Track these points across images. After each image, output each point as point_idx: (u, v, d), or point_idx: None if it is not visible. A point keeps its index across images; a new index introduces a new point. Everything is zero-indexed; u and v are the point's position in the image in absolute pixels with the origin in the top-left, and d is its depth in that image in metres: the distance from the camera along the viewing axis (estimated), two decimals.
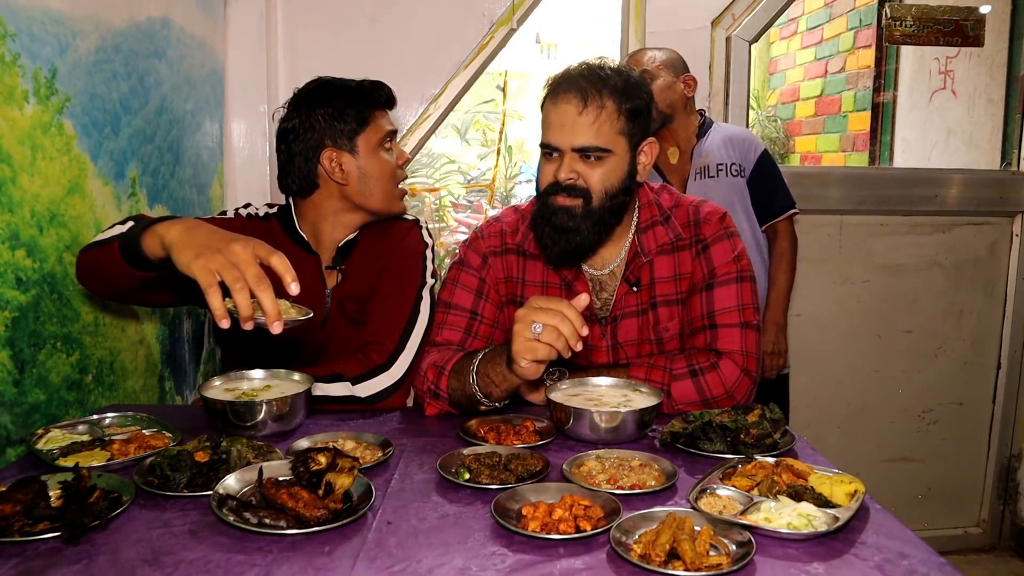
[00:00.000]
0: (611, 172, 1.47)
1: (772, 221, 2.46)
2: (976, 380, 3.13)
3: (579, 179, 1.47)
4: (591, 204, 1.47)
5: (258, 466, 1.10)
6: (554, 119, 1.47)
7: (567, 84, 1.46)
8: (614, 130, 1.46)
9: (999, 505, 3.18)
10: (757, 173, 2.42)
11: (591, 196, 1.47)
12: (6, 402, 1.31)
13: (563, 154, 1.47)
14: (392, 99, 1.70)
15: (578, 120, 1.44)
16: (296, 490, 1.01)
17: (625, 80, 1.47)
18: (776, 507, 1.02)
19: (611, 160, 1.47)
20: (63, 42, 1.47)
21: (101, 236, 1.39)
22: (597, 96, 1.44)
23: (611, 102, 1.44)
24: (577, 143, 1.45)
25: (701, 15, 2.71)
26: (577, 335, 1.25)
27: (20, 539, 0.95)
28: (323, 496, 1.02)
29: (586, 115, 1.43)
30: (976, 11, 2.99)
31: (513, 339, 1.29)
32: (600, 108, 1.44)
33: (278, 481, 1.04)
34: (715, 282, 1.55)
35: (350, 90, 1.64)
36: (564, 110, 1.45)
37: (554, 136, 1.47)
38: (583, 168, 1.46)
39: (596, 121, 1.44)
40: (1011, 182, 3.03)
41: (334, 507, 1.01)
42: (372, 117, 1.65)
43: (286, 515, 1.00)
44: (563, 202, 1.47)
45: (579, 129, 1.44)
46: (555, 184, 1.48)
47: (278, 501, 1.00)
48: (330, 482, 1.03)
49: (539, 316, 1.26)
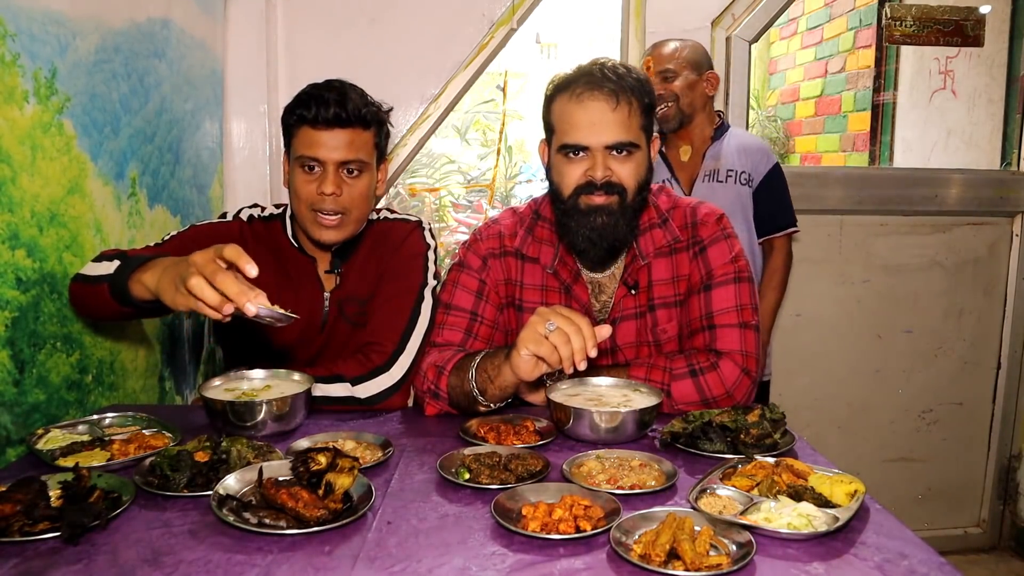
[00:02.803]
0: (640, 166, 1.49)
1: (770, 236, 2.43)
2: (976, 380, 3.13)
3: (613, 175, 1.47)
4: (626, 200, 1.48)
5: (258, 466, 1.10)
6: (582, 118, 1.46)
7: (590, 84, 1.46)
8: (638, 125, 1.48)
9: (999, 505, 3.18)
10: (765, 186, 2.39)
11: (626, 192, 1.48)
12: (6, 402, 1.31)
13: (593, 153, 1.47)
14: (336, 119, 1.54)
15: (611, 117, 1.44)
16: (296, 490, 1.01)
17: (638, 77, 1.50)
18: (776, 507, 1.02)
19: (639, 155, 1.49)
20: (63, 42, 1.47)
21: (89, 271, 1.41)
22: (625, 93, 1.45)
23: (635, 99, 1.47)
24: (611, 140, 1.45)
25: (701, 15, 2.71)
26: (584, 352, 1.25)
27: (20, 539, 0.95)
28: (323, 496, 1.02)
29: (619, 112, 1.45)
30: (976, 11, 2.99)
31: (525, 327, 1.31)
32: (629, 104, 1.46)
33: (278, 481, 1.04)
34: (713, 283, 1.55)
35: (297, 97, 1.59)
36: (595, 108, 1.45)
37: (583, 135, 1.46)
38: (615, 165, 1.47)
39: (628, 117, 1.46)
40: (1011, 182, 3.03)
41: (334, 507, 1.01)
42: (296, 132, 1.58)
43: (286, 515, 1.00)
44: (600, 200, 1.47)
45: (612, 126, 1.45)
46: (588, 184, 1.47)
47: (278, 501, 1.00)
48: (330, 482, 1.03)
49: (558, 319, 1.27)
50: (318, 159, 1.56)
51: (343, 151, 1.56)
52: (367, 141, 1.60)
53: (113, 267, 1.35)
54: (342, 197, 1.57)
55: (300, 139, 1.57)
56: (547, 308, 1.31)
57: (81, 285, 1.42)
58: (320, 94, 1.55)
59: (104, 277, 1.35)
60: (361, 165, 1.59)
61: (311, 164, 1.57)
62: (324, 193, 1.56)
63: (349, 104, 1.55)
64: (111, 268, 1.36)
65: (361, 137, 1.58)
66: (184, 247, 1.59)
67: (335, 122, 1.54)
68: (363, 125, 1.58)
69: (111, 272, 1.34)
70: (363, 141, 1.59)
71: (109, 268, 1.36)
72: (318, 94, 1.55)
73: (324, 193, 1.56)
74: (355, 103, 1.56)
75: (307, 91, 1.58)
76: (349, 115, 1.55)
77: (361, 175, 1.60)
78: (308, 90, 1.58)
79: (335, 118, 1.54)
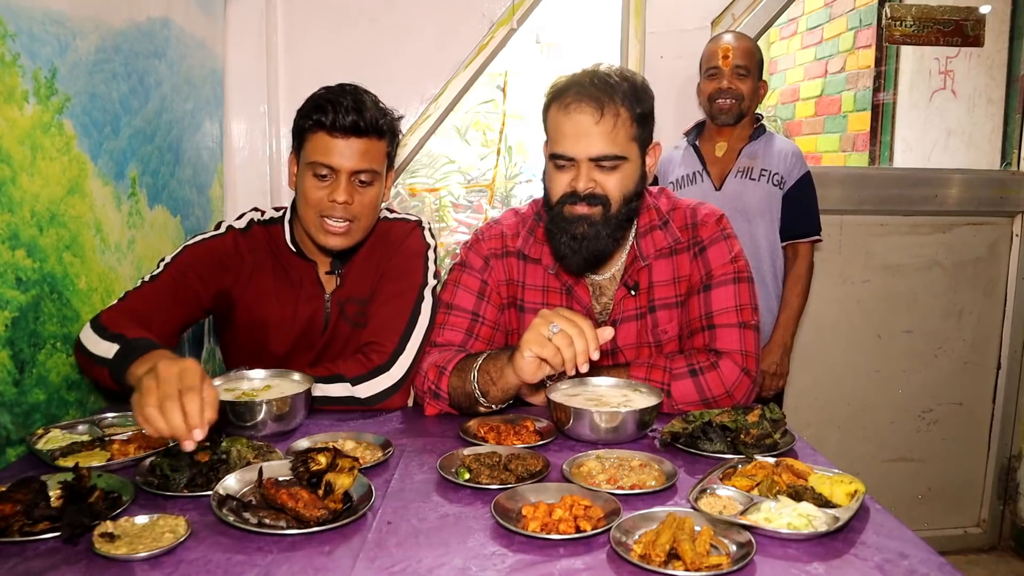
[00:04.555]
0: (627, 178, 1.47)
1: (794, 241, 2.45)
2: (976, 380, 3.13)
3: (597, 187, 1.46)
4: (610, 211, 1.47)
5: (258, 466, 1.10)
6: (568, 129, 1.44)
7: (578, 94, 1.44)
8: (628, 137, 1.45)
9: (999, 505, 3.18)
10: (795, 191, 2.42)
11: (610, 203, 1.47)
12: (6, 402, 1.31)
13: (579, 164, 1.45)
14: (353, 128, 1.52)
15: (595, 129, 1.42)
16: (296, 490, 1.01)
17: (632, 85, 1.46)
18: (776, 507, 1.02)
19: (626, 166, 1.46)
20: (63, 42, 1.47)
21: (92, 347, 1.40)
22: (612, 104, 1.42)
23: (624, 109, 1.44)
24: (594, 152, 1.44)
25: (701, 15, 2.71)
26: (587, 354, 1.26)
27: (20, 539, 0.95)
28: (323, 496, 1.02)
29: (603, 124, 1.42)
30: (976, 11, 2.99)
31: (528, 329, 1.30)
32: (616, 116, 1.43)
33: (278, 481, 1.04)
34: (712, 283, 1.55)
35: (311, 100, 1.57)
36: (579, 120, 1.43)
37: (569, 146, 1.45)
38: (600, 176, 1.46)
39: (613, 129, 1.43)
40: (1011, 182, 3.03)
41: (334, 507, 1.01)
42: (309, 137, 1.55)
43: (286, 515, 1.00)
44: (582, 211, 1.47)
45: (596, 138, 1.43)
46: (572, 194, 1.46)
47: (278, 501, 1.00)
48: (330, 482, 1.03)
49: (561, 321, 1.27)
50: (332, 166, 1.54)
51: (357, 160, 1.54)
52: (380, 151, 1.59)
53: (113, 351, 1.35)
54: (352, 206, 1.56)
55: (314, 144, 1.55)
56: (549, 311, 1.31)
57: (85, 359, 1.42)
58: (338, 99, 1.52)
59: (105, 361, 1.35)
60: (373, 175, 1.58)
61: (324, 170, 1.55)
62: (336, 201, 1.54)
63: (366, 113, 1.53)
64: (111, 352, 1.35)
65: (375, 147, 1.57)
66: (181, 275, 1.60)
67: (352, 131, 1.52)
68: (378, 135, 1.56)
69: (111, 358, 1.34)
70: (377, 151, 1.57)
71: (109, 351, 1.36)
72: (335, 99, 1.52)
73: (336, 201, 1.54)
74: (372, 113, 1.54)
75: (323, 95, 1.55)
76: (367, 125, 1.53)
77: (372, 184, 1.59)
78: (324, 94, 1.55)
79: (352, 127, 1.52)
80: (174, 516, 1.00)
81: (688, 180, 2.47)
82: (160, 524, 0.99)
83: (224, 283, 1.66)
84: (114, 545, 0.93)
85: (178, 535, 0.96)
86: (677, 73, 2.68)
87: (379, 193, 1.62)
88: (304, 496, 1.01)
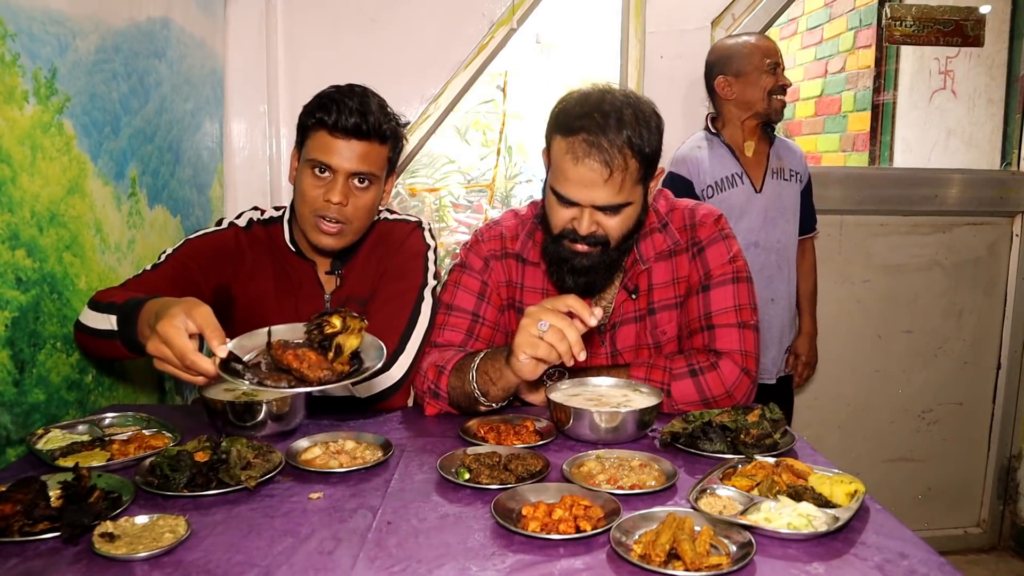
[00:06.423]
0: (629, 219, 1.47)
1: (804, 236, 2.55)
2: (976, 380, 3.13)
3: (599, 229, 1.46)
4: (609, 248, 1.48)
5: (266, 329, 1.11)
6: (574, 177, 1.41)
7: (589, 143, 1.37)
8: (634, 182, 1.43)
9: (999, 505, 3.18)
10: (807, 189, 2.53)
11: (609, 243, 1.47)
12: (6, 402, 1.31)
13: (582, 208, 1.44)
14: (355, 129, 1.52)
15: (602, 184, 1.39)
16: (303, 351, 1.01)
17: (646, 125, 1.41)
18: (776, 507, 1.02)
19: (629, 209, 1.46)
20: (63, 42, 1.47)
21: (92, 323, 1.42)
22: (621, 159, 1.38)
23: (634, 160, 1.40)
24: (600, 203, 1.42)
25: (701, 15, 2.70)
26: (580, 343, 1.25)
27: (20, 539, 0.95)
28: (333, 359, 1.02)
29: (611, 181, 1.39)
30: (976, 11, 2.99)
31: (518, 332, 1.30)
32: (624, 170, 1.39)
33: (286, 343, 1.04)
34: (711, 283, 1.55)
35: (318, 98, 1.57)
36: (587, 175, 1.39)
37: (574, 193, 1.42)
38: (602, 219, 1.45)
39: (621, 183, 1.40)
40: (1011, 182, 3.03)
41: (340, 368, 1.01)
42: (311, 134, 1.55)
43: (290, 375, 0.99)
44: (582, 249, 1.47)
45: (604, 191, 1.40)
46: (573, 231, 1.46)
47: (284, 361, 0.99)
48: (339, 344, 1.03)
49: (548, 316, 1.26)
50: (330, 165, 1.54)
51: (356, 162, 1.54)
52: (381, 155, 1.58)
53: (113, 321, 1.37)
54: (347, 208, 1.56)
55: (315, 141, 1.55)
56: (535, 307, 1.30)
57: (89, 338, 1.43)
58: (342, 99, 1.52)
59: (111, 333, 1.37)
60: (371, 178, 1.58)
61: (322, 169, 1.55)
62: (330, 201, 1.54)
63: (370, 116, 1.52)
64: (112, 322, 1.37)
65: (376, 151, 1.56)
66: (182, 266, 1.60)
67: (353, 132, 1.52)
68: (380, 139, 1.56)
69: (115, 328, 1.36)
70: (377, 155, 1.57)
71: (110, 322, 1.37)
72: (340, 99, 1.52)
73: (330, 201, 1.54)
74: (376, 116, 1.53)
75: (330, 94, 1.55)
76: (369, 128, 1.52)
77: (370, 187, 1.59)
78: (330, 93, 1.55)
79: (354, 128, 1.51)
80: (174, 516, 1.00)
81: (729, 183, 2.40)
82: (160, 524, 0.99)
83: (224, 277, 1.66)
84: (114, 545, 0.93)
85: (178, 535, 0.96)
86: (677, 73, 2.68)
87: (376, 197, 1.62)
88: (311, 357, 1.00)
